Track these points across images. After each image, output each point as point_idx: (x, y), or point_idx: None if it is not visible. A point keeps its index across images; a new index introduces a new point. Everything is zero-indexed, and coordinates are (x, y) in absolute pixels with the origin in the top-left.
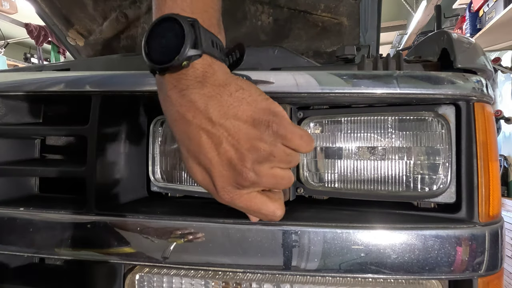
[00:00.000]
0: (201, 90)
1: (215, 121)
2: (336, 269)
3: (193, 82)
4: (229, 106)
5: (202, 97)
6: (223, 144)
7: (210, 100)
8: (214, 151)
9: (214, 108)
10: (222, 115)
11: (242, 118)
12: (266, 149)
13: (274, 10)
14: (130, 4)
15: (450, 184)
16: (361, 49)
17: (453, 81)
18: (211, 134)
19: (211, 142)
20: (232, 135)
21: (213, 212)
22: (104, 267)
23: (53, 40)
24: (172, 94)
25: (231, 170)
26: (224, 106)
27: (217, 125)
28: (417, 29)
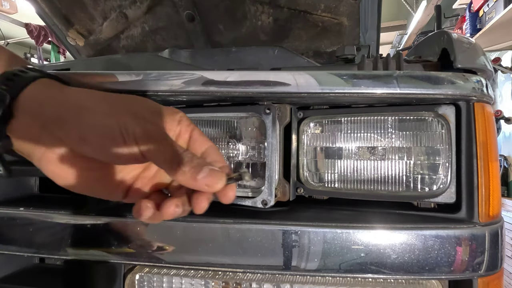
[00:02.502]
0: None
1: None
2: (336, 269)
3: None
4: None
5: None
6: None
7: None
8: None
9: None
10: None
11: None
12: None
13: (274, 10)
14: (130, 4)
15: (450, 184)
16: (361, 49)
17: (453, 81)
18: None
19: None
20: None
21: (213, 212)
22: (104, 267)
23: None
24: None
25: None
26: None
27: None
28: (417, 29)
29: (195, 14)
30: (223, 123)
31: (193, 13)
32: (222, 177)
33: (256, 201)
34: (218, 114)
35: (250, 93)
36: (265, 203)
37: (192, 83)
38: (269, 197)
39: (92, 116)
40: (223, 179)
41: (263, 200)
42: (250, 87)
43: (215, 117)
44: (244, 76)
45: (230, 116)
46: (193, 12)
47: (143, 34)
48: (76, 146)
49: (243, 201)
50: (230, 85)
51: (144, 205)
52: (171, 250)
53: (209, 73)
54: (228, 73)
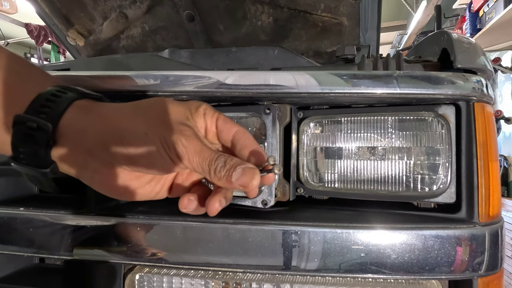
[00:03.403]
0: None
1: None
2: (336, 269)
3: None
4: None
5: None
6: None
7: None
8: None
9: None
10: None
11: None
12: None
13: (274, 10)
14: (130, 4)
15: (450, 184)
16: (361, 49)
17: (453, 81)
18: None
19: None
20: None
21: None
22: (104, 267)
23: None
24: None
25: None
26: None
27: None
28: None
29: (195, 14)
30: None
31: (193, 13)
32: (255, 174)
33: (256, 201)
34: None
35: (250, 93)
36: (265, 203)
37: (192, 84)
38: (269, 197)
39: (133, 138)
40: (256, 176)
41: (263, 200)
42: (250, 87)
43: None
44: (244, 76)
45: (230, 116)
46: (193, 12)
47: (143, 34)
48: (124, 166)
49: (243, 201)
50: (230, 85)
51: (187, 199)
52: (171, 250)
53: (209, 73)
54: (228, 73)
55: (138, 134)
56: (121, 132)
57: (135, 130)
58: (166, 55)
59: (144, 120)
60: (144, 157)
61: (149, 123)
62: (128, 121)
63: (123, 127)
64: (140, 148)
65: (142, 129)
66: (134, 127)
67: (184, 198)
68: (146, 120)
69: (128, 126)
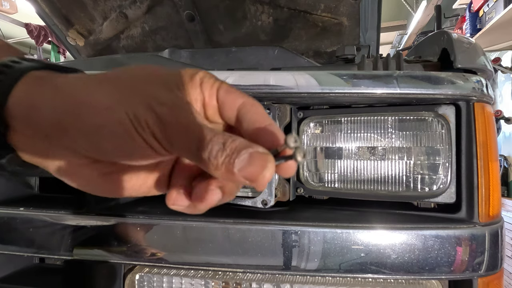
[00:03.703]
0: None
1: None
2: (336, 269)
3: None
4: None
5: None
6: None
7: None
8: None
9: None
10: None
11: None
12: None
13: (274, 10)
14: (130, 4)
15: (450, 184)
16: (361, 49)
17: (453, 81)
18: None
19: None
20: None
21: (213, 212)
22: (104, 267)
23: (53, 40)
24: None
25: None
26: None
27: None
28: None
29: (195, 14)
30: None
31: (193, 13)
32: (268, 162)
33: (256, 201)
34: None
35: (250, 93)
36: (265, 203)
37: None
38: (269, 197)
39: (93, 115)
40: (269, 165)
41: (263, 200)
42: (250, 87)
43: None
44: (244, 76)
45: None
46: (193, 12)
47: (143, 34)
48: (88, 153)
49: (243, 201)
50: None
51: (176, 193)
52: (171, 250)
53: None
54: (228, 73)
55: (98, 110)
56: (78, 108)
57: (94, 104)
58: (166, 55)
59: (108, 91)
60: (109, 140)
61: (115, 95)
62: (88, 93)
63: (80, 101)
64: (102, 128)
65: (105, 102)
66: (94, 100)
67: (172, 192)
68: (111, 91)
69: (86, 100)
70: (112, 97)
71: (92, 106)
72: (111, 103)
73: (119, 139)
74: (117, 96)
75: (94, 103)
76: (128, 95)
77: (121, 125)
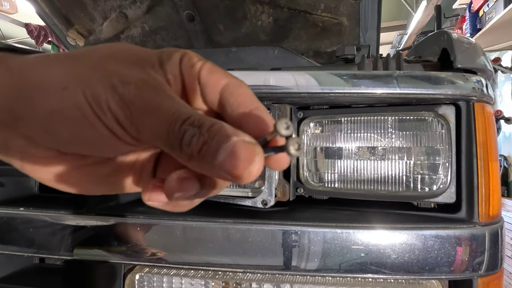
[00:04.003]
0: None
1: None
2: (336, 269)
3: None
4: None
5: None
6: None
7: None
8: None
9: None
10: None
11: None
12: None
13: (274, 10)
14: (130, 4)
15: (450, 184)
16: (361, 49)
17: (453, 81)
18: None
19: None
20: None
21: (213, 212)
22: (104, 267)
23: (53, 40)
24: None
25: None
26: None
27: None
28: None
29: (195, 14)
30: None
31: (193, 13)
32: (255, 154)
33: (256, 201)
34: None
35: None
36: (265, 203)
37: None
38: (269, 197)
39: (46, 97)
40: (257, 158)
41: (263, 200)
42: (250, 87)
43: None
44: (244, 76)
45: None
46: (193, 12)
47: (143, 34)
48: (46, 143)
49: (243, 201)
50: None
51: (152, 186)
52: (171, 250)
53: None
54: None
55: (51, 91)
56: (29, 90)
57: (47, 84)
58: None
59: (65, 70)
60: (65, 127)
61: (72, 74)
62: (41, 72)
63: (31, 82)
64: (56, 113)
65: (59, 82)
66: (48, 80)
67: (149, 186)
68: (68, 70)
69: (39, 80)
70: (68, 76)
71: (44, 87)
72: (67, 82)
73: (77, 126)
74: (75, 75)
75: (47, 83)
76: (88, 73)
77: (78, 108)
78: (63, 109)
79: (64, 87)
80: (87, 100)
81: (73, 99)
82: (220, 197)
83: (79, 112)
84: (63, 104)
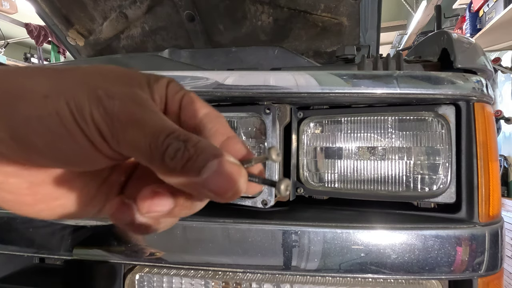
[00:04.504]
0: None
1: None
2: (336, 269)
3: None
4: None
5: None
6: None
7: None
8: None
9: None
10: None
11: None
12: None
13: (274, 10)
14: (130, 4)
15: (450, 184)
16: (361, 49)
17: (453, 81)
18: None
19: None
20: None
21: (213, 212)
22: (104, 267)
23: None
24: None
25: None
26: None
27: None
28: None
29: (195, 14)
30: None
31: (193, 13)
32: (241, 175)
33: (256, 201)
34: None
35: (250, 93)
36: (265, 203)
37: (192, 84)
38: (269, 197)
39: (25, 103)
40: (243, 180)
41: (263, 200)
42: (250, 87)
43: None
44: (244, 76)
45: (230, 116)
46: (193, 12)
47: (143, 34)
48: (12, 152)
49: (243, 201)
50: (230, 85)
51: (117, 203)
52: (171, 250)
53: (209, 73)
54: (228, 73)
55: (33, 97)
56: (8, 95)
57: (30, 90)
58: (166, 55)
59: (49, 80)
60: (40, 135)
61: (57, 84)
62: (24, 79)
63: (13, 87)
64: (32, 119)
65: (43, 90)
66: (30, 86)
67: (114, 201)
68: (53, 81)
69: (20, 86)
70: (52, 85)
71: (24, 93)
72: (50, 91)
73: (54, 135)
74: (59, 86)
75: (28, 90)
76: (72, 85)
77: (58, 116)
78: (42, 116)
79: (46, 95)
80: (70, 109)
81: (54, 107)
82: None
83: (58, 120)
84: (42, 111)
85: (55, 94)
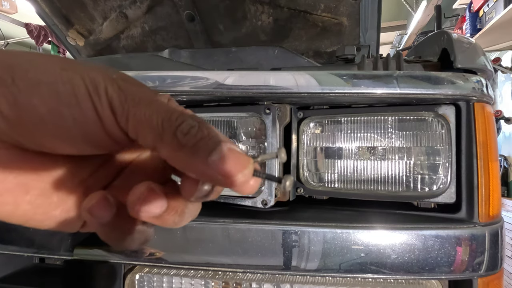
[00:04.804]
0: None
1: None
2: (336, 269)
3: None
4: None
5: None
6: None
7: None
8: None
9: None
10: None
11: None
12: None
13: (274, 10)
14: (130, 4)
15: (450, 184)
16: (361, 49)
17: (453, 81)
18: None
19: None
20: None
21: (213, 212)
22: (104, 267)
23: (53, 40)
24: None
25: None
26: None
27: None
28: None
29: (195, 14)
30: (223, 123)
31: (193, 13)
32: (249, 162)
33: (256, 201)
34: (218, 114)
35: (250, 93)
36: (265, 203)
37: (192, 84)
38: (269, 197)
39: (38, 70)
40: (250, 166)
41: (263, 200)
42: (250, 87)
43: (215, 117)
44: (244, 76)
45: (230, 116)
46: (193, 12)
47: (143, 34)
48: (12, 112)
49: (243, 201)
50: (230, 85)
51: (97, 199)
52: (171, 250)
53: (209, 73)
54: (228, 73)
55: (47, 67)
56: (24, 62)
57: (47, 62)
58: (166, 55)
59: (64, 60)
60: (47, 99)
61: (72, 63)
62: (41, 55)
63: (29, 57)
64: (45, 84)
65: (60, 64)
66: (47, 59)
67: (93, 195)
68: (68, 61)
69: (37, 57)
70: (67, 63)
71: (41, 63)
72: (66, 66)
73: (61, 101)
74: (73, 65)
75: (45, 61)
76: (89, 68)
77: (71, 84)
78: (53, 82)
79: (64, 68)
80: (85, 82)
81: (69, 77)
82: (220, 197)
83: (71, 88)
84: (56, 78)
85: (71, 69)
